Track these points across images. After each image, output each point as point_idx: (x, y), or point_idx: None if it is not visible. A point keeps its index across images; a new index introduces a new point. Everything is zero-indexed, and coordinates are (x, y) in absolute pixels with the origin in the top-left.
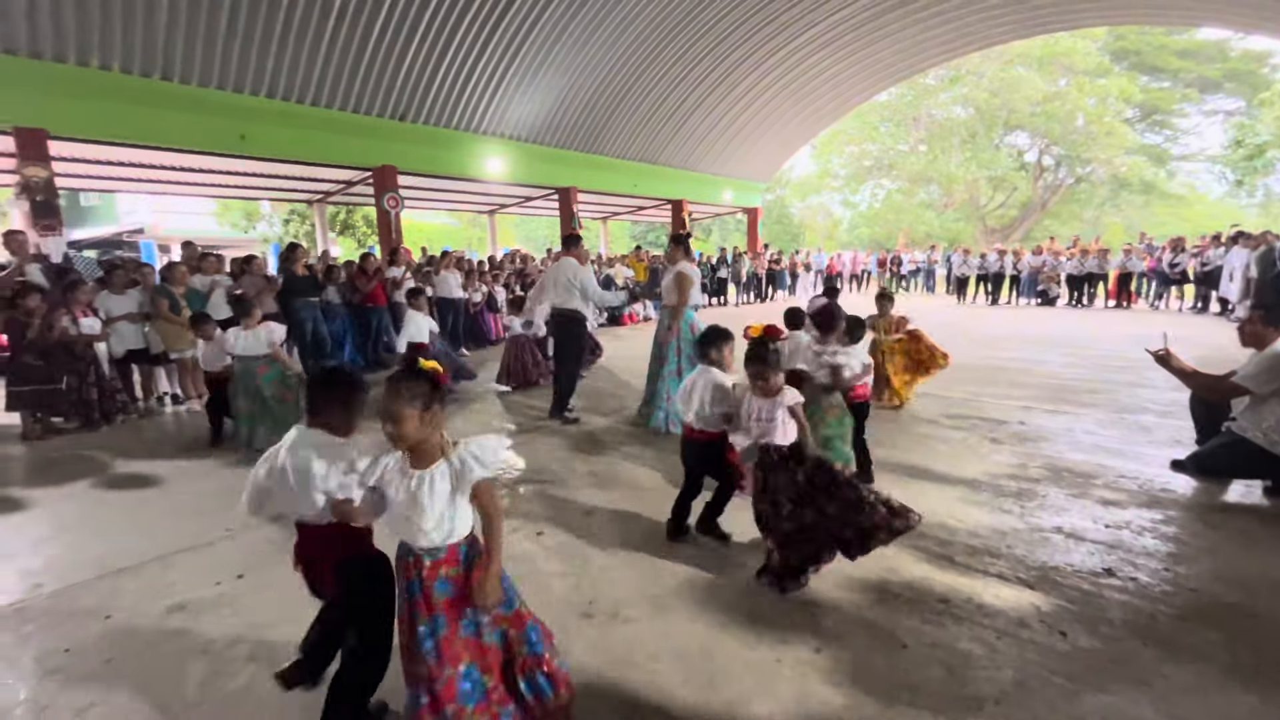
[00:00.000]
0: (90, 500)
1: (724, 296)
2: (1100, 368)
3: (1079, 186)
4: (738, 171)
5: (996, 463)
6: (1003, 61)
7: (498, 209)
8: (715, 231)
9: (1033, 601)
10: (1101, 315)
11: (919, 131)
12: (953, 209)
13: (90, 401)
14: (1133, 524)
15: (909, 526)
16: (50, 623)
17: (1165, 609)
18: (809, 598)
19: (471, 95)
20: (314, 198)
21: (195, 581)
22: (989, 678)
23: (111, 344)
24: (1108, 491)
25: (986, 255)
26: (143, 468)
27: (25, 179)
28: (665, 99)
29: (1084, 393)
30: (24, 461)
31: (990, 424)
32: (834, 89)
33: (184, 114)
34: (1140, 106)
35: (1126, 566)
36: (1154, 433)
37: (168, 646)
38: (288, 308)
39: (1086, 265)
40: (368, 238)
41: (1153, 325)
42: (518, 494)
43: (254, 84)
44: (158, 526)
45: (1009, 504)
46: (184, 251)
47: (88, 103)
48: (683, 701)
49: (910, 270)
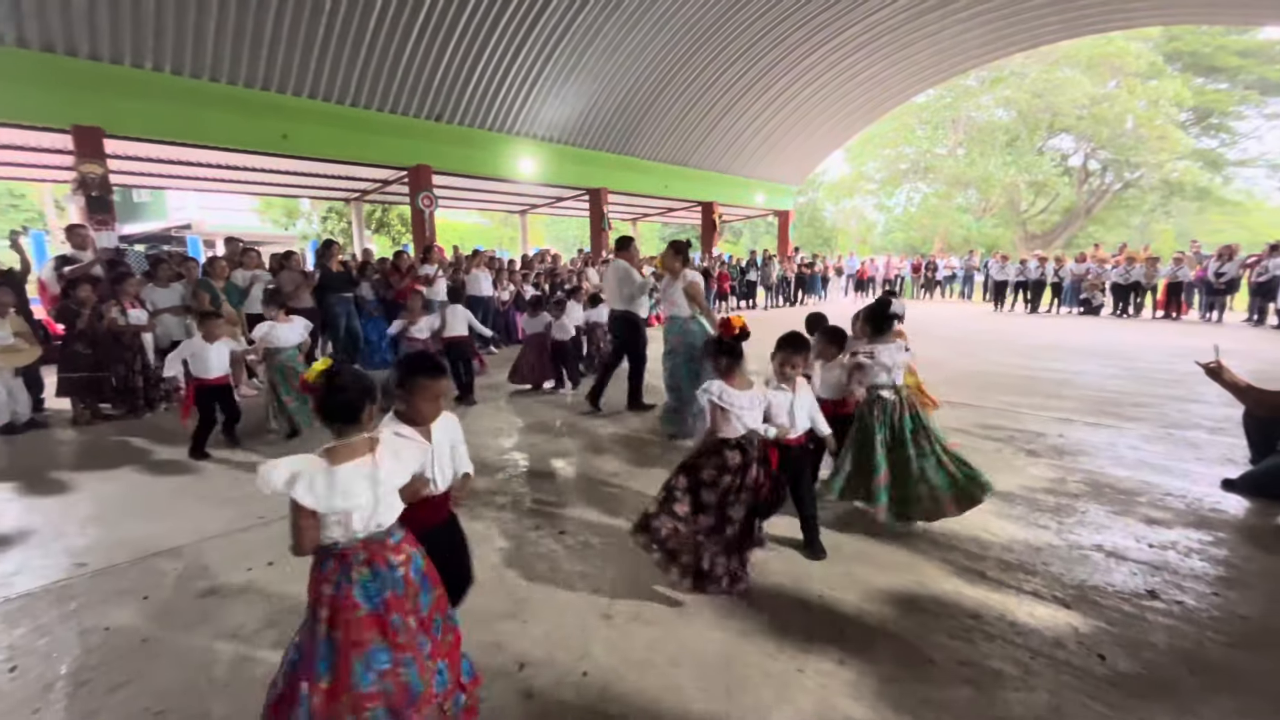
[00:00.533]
0: (132, 484)
1: (753, 300)
2: (1147, 380)
3: (1127, 192)
4: (770, 174)
5: (1033, 476)
6: (1048, 63)
7: (529, 209)
8: (746, 234)
9: (1069, 621)
10: (1148, 326)
11: (958, 134)
12: (991, 214)
13: (135, 389)
14: (1179, 545)
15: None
16: (92, 601)
17: (1214, 636)
18: (834, 608)
19: (506, 96)
20: (351, 196)
21: (228, 566)
22: (1021, 699)
23: (157, 335)
24: (1153, 510)
25: (1026, 261)
26: (181, 455)
27: (82, 175)
28: (698, 100)
29: (1128, 406)
30: (73, 445)
31: (1027, 436)
32: (869, 91)
33: (230, 114)
34: (1195, 109)
35: (1172, 589)
36: (1204, 450)
37: (200, 629)
38: (323, 303)
39: (1133, 274)
40: (402, 235)
41: (1203, 337)
42: (541, 492)
43: (296, 85)
44: (194, 512)
45: (1046, 519)
46: (227, 247)
47: (141, 103)
48: (701, 708)
49: (945, 276)
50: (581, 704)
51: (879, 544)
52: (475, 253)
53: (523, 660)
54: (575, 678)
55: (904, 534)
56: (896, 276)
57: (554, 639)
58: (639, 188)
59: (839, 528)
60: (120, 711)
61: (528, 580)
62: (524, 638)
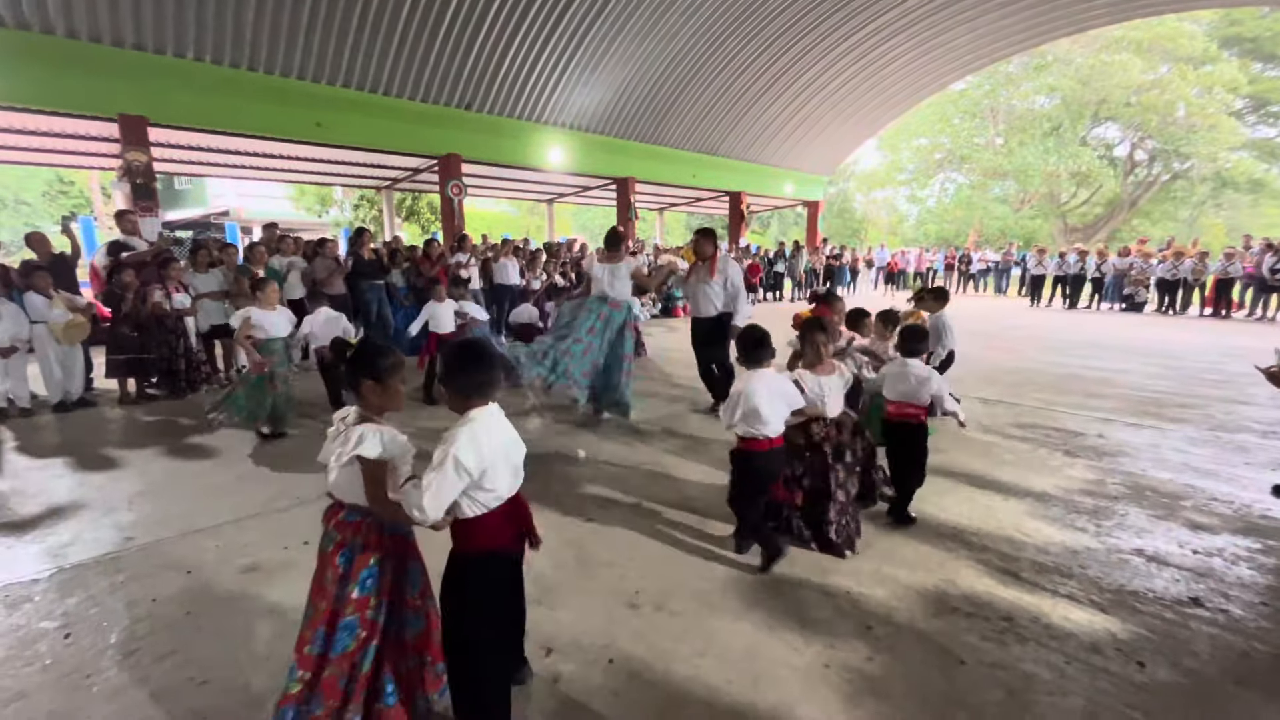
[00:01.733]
0: (175, 463)
1: (780, 292)
2: (1193, 380)
3: (1175, 184)
4: (799, 164)
5: (1070, 477)
6: (1097, 47)
7: (556, 198)
8: (774, 224)
9: (1107, 627)
10: (1195, 324)
11: (997, 124)
12: (1030, 205)
13: (178, 372)
14: (1225, 551)
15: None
16: (139, 574)
17: (1261, 646)
18: (862, 605)
19: (535, 85)
20: (382, 184)
21: (266, 544)
22: (1054, 704)
23: (198, 319)
24: (1197, 514)
25: (1066, 255)
26: (220, 436)
27: (127, 163)
28: (727, 89)
29: (1173, 407)
30: (120, 424)
31: (1064, 435)
32: (904, 79)
33: (266, 103)
34: (1252, 97)
35: (1217, 597)
36: (1253, 454)
37: (241, 604)
38: (355, 290)
39: (1181, 269)
40: (431, 224)
41: (1255, 337)
42: (568, 481)
43: (330, 74)
44: (234, 491)
45: (1083, 521)
46: (264, 233)
47: (183, 92)
48: (727, 700)
49: (980, 269)
50: (607, 691)
51: (910, 542)
52: (504, 241)
53: (549, 645)
54: (601, 665)
55: (936, 532)
56: (929, 270)
57: (580, 626)
58: (666, 177)
59: (871, 522)
60: (166, 680)
61: (554, 568)
62: (550, 623)
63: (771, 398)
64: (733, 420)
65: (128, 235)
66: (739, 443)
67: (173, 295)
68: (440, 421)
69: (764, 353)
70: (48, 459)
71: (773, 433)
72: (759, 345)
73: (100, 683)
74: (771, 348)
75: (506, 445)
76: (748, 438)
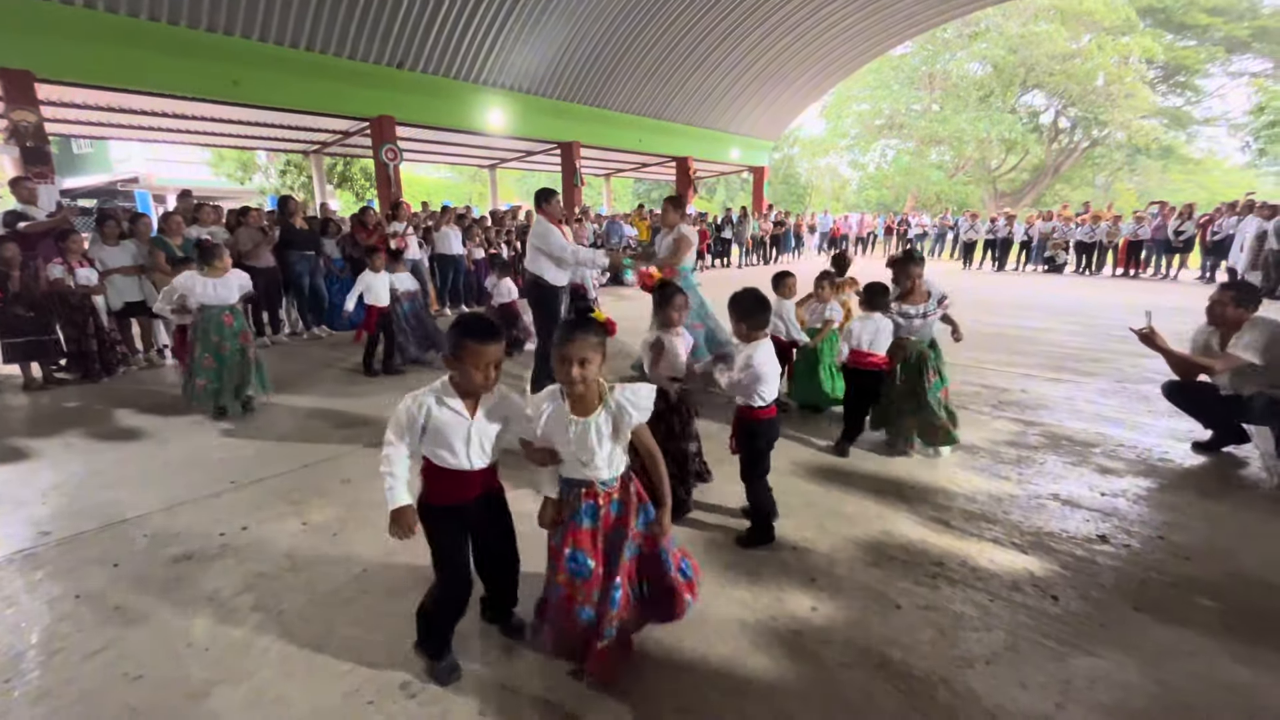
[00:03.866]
0: (93, 451)
1: (727, 259)
2: (1105, 337)
3: (1094, 150)
4: (745, 128)
5: (996, 430)
6: (1027, 16)
7: (499, 163)
8: (721, 190)
9: (1026, 566)
10: (1109, 283)
11: (933, 91)
12: (963, 172)
13: (90, 353)
14: (1129, 492)
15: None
16: (59, 570)
17: (1157, 575)
18: (807, 559)
19: (472, 43)
20: (310, 148)
21: (200, 532)
22: (980, 639)
23: (109, 297)
24: (1106, 460)
25: (996, 220)
26: (144, 420)
27: (13, 123)
28: (671, 50)
29: (1087, 361)
30: (26, 412)
31: (992, 391)
32: (848, 42)
33: (174, 57)
34: (1163, 66)
35: (1121, 534)
36: (1155, 403)
37: (176, 595)
38: (284, 261)
39: (1098, 232)
40: (366, 191)
41: (1161, 294)
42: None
43: (245, 26)
44: (161, 478)
45: (1007, 470)
46: (179, 202)
47: (74, 44)
48: (679, 657)
49: (917, 234)
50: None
51: (852, 497)
52: (444, 209)
53: None
54: None
55: (876, 488)
56: (869, 234)
57: (537, 594)
58: (612, 142)
59: (816, 480)
60: (97, 678)
61: None
62: None
63: (775, 364)
64: (750, 395)
65: (24, 204)
66: (750, 414)
67: (75, 270)
68: (379, 394)
69: (766, 315)
70: None
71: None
72: (762, 307)
73: (22, 686)
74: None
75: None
76: (761, 407)
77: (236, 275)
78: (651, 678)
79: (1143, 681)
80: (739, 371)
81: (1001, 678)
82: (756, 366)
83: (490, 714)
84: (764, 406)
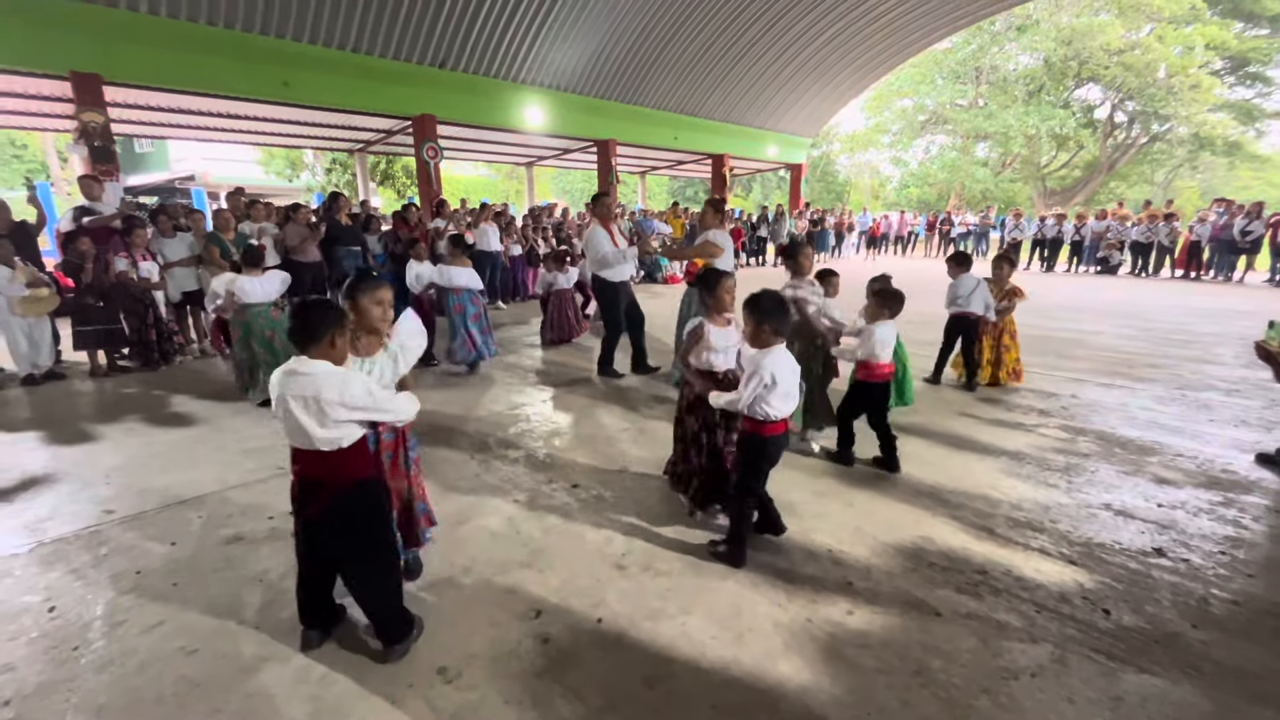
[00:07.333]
0: (152, 435)
1: (762, 257)
2: (1162, 341)
3: (1154, 146)
4: (783, 125)
5: (1044, 435)
6: (1080, 6)
7: (535, 161)
8: (757, 188)
9: (1075, 578)
10: (1167, 286)
11: (980, 85)
12: (1011, 169)
13: (150, 342)
14: (1188, 504)
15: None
16: (122, 547)
17: (1219, 593)
18: (843, 561)
19: (512, 42)
20: (355, 147)
21: (250, 515)
22: (1025, 650)
23: (169, 289)
24: (1163, 470)
25: (1045, 219)
26: (198, 406)
27: (83, 124)
28: (709, 48)
29: (1143, 367)
30: (92, 397)
31: (1038, 395)
32: (889, 37)
33: (229, 60)
34: (1232, 58)
35: (1179, 548)
36: (1216, 411)
37: (228, 574)
38: (330, 256)
39: (1157, 232)
40: (407, 188)
41: (1224, 298)
42: (554, 447)
43: (296, 30)
44: (214, 462)
45: (1055, 478)
46: (229, 200)
47: (139, 48)
48: (714, 655)
49: (961, 233)
50: (596, 650)
51: (889, 501)
52: (483, 206)
53: (539, 607)
54: (590, 625)
55: (914, 492)
56: (910, 234)
57: (569, 588)
58: (648, 139)
59: (852, 483)
60: (155, 650)
61: (542, 531)
62: (540, 586)
63: (794, 375)
64: (768, 408)
65: (92, 200)
66: (756, 427)
67: (139, 263)
68: (419, 385)
69: (786, 318)
70: (19, 433)
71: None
72: (782, 309)
73: (88, 654)
74: (790, 315)
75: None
76: (768, 421)
77: (277, 272)
78: (683, 675)
79: (1200, 702)
80: (757, 385)
81: (1048, 691)
82: (774, 378)
83: (525, 704)
84: (774, 421)
